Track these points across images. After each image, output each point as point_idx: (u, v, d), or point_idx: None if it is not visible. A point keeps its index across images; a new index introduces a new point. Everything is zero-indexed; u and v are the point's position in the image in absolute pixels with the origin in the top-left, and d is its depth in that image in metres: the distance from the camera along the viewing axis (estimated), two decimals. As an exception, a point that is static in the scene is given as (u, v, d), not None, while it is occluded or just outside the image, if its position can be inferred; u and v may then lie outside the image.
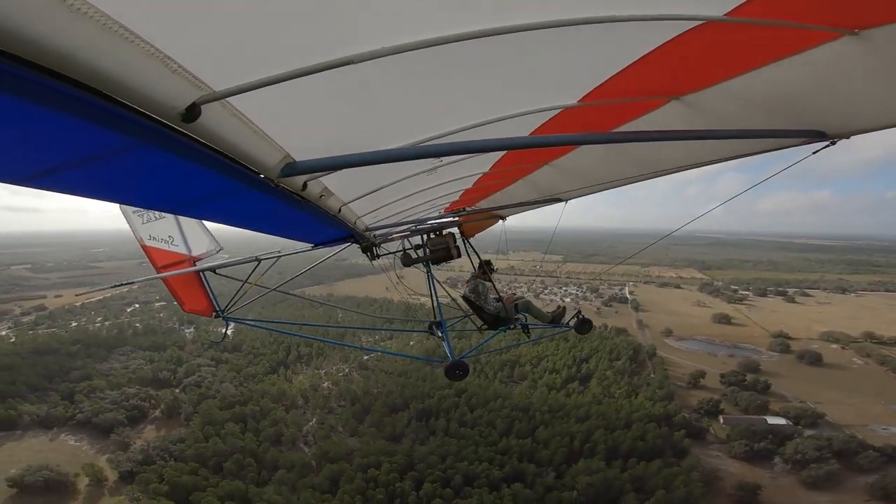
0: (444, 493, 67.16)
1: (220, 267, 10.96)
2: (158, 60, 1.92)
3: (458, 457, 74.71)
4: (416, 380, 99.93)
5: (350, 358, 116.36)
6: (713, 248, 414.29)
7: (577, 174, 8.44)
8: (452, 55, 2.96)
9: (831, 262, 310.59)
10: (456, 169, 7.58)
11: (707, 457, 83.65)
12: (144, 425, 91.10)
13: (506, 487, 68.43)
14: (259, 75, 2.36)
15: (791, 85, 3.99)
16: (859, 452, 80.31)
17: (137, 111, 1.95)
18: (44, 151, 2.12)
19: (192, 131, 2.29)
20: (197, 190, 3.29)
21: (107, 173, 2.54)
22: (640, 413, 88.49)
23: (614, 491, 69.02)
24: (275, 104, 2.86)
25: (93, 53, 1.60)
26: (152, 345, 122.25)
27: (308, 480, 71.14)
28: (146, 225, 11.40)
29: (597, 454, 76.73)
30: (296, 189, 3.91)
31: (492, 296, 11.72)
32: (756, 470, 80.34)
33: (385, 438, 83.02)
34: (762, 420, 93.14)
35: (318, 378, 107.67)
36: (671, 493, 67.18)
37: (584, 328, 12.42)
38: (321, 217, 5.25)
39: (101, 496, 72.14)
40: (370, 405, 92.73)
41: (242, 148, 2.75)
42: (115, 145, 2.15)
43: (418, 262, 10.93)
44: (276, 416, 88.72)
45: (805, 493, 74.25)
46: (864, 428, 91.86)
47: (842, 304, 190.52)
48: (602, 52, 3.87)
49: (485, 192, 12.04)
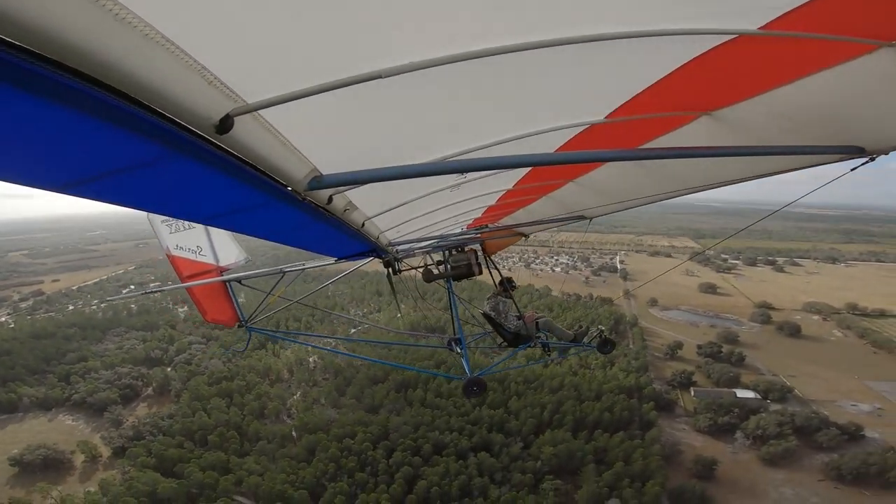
0: (413, 461, 69.73)
1: (245, 278, 11.24)
2: (196, 72, 1.96)
3: (431, 426, 77.35)
4: (399, 352, 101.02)
5: (337, 331, 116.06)
6: (710, 217, 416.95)
7: (603, 191, 8.32)
8: (480, 70, 2.94)
9: (826, 231, 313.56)
10: (480, 185, 7.47)
11: (673, 430, 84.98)
12: (137, 403, 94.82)
13: (472, 456, 70.76)
14: (290, 89, 2.38)
15: (827, 99, 3.89)
16: (820, 430, 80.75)
17: (175, 122, 1.97)
18: (85, 160, 2.13)
19: (225, 143, 2.31)
20: (228, 201, 3.31)
21: (144, 183, 2.54)
22: (611, 384, 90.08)
23: (576, 462, 71.00)
24: (304, 117, 2.86)
25: (135, 63, 1.64)
26: (146, 324, 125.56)
27: (287, 451, 74.40)
28: (174, 235, 11.47)
29: (564, 425, 78.59)
30: (321, 202, 3.92)
31: (512, 314, 11.69)
32: (718, 444, 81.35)
33: (364, 409, 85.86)
34: (731, 393, 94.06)
35: (304, 352, 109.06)
36: (630, 465, 68.64)
37: (606, 348, 12.42)
38: (345, 231, 5.25)
39: (95, 471, 77.56)
40: (352, 378, 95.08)
41: (272, 160, 2.77)
42: (153, 155, 2.15)
43: (440, 277, 11.00)
44: (260, 390, 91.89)
45: (762, 470, 75.02)
46: (833, 404, 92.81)
47: (831, 275, 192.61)
48: (631, 67, 3.79)
49: (508, 208, 11.79)
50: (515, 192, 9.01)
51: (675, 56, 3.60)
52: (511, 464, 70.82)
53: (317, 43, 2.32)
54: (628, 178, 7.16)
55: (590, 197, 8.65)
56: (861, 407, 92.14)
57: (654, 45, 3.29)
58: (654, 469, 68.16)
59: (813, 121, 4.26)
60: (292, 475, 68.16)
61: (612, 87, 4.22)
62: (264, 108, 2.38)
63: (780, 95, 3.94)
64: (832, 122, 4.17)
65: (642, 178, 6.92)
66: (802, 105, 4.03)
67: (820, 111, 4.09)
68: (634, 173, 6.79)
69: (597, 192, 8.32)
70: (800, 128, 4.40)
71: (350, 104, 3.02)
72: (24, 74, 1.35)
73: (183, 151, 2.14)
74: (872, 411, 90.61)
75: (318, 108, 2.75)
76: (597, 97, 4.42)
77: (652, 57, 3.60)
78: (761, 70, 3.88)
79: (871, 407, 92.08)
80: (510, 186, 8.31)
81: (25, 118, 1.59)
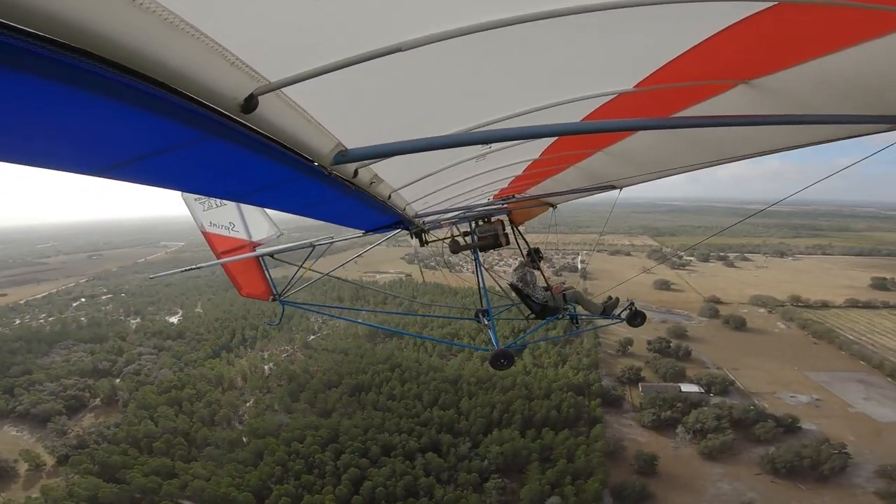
0: (360, 462, 70.51)
1: (277, 252, 11.24)
2: (218, 54, 1.98)
3: (381, 429, 78.21)
4: (354, 357, 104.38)
5: (296, 339, 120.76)
6: (670, 216, 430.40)
7: (633, 161, 8.25)
8: (503, 40, 2.91)
9: (776, 226, 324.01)
10: (506, 155, 7.43)
11: (620, 426, 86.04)
12: (84, 414, 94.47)
13: (420, 457, 71.52)
14: (311, 65, 2.40)
15: (870, 69, 3.77)
16: (758, 422, 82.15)
17: (202, 104, 2.01)
18: (122, 144, 2.20)
19: (251, 122, 2.34)
20: (257, 178, 3.37)
21: (176, 164, 2.58)
22: (560, 382, 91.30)
23: (522, 460, 71.90)
24: (326, 93, 2.86)
25: (158, 48, 1.66)
26: (94, 337, 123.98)
27: (235, 455, 74.59)
28: (207, 212, 11.60)
29: (513, 424, 79.57)
30: (347, 176, 3.91)
31: (540, 285, 11.68)
32: (662, 439, 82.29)
33: (317, 414, 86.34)
34: (676, 388, 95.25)
35: (260, 360, 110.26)
36: (573, 463, 69.77)
37: (637, 321, 12.45)
38: (372, 204, 5.31)
39: (39, 479, 76.25)
40: (306, 383, 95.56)
41: (297, 137, 2.80)
42: (184, 137, 2.20)
43: (466, 248, 10.97)
44: (211, 398, 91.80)
45: (701, 464, 75.73)
46: (773, 395, 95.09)
47: (779, 268, 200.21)
48: (663, 34, 3.72)
49: (535, 178, 11.72)
50: (542, 163, 8.99)
51: (711, 23, 3.51)
52: (458, 463, 71.80)
53: (335, 18, 2.33)
54: (661, 146, 7.12)
55: (620, 166, 8.65)
56: (800, 398, 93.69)
57: (689, 12, 3.26)
58: (595, 466, 69.17)
59: (858, 91, 4.17)
60: (238, 479, 68.45)
61: (641, 55, 4.17)
62: (287, 85, 2.40)
63: (821, 65, 3.85)
64: (873, 93, 4.10)
65: (675, 147, 6.90)
66: (847, 75, 3.94)
67: (865, 81, 3.99)
68: (667, 142, 6.74)
69: (627, 161, 8.30)
70: (844, 98, 4.33)
71: (372, 78, 3.03)
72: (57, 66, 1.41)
73: (211, 132, 2.21)
74: (811, 402, 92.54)
75: (340, 83, 2.77)
76: (626, 66, 4.37)
77: (686, 24, 3.55)
78: (802, 38, 3.76)
79: (809, 398, 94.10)
80: (536, 156, 8.27)
81: (63, 108, 1.67)
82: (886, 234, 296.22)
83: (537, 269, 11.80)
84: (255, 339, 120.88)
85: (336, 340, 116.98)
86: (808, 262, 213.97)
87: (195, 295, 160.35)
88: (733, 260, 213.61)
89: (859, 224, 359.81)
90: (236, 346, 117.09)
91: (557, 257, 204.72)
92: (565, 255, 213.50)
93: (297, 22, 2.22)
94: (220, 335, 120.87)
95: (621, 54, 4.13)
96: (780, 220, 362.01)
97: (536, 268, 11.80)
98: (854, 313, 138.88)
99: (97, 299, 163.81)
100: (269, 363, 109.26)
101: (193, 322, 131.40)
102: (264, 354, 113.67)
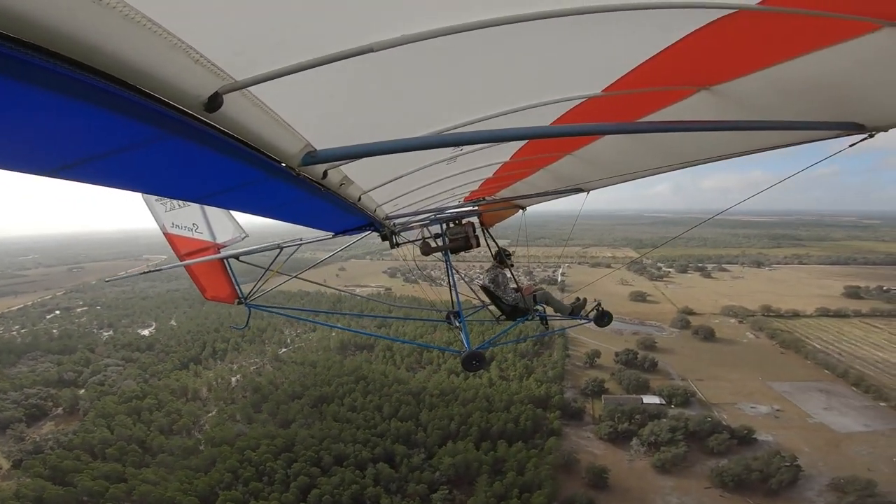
0: (311, 471, 70.53)
1: (243, 254, 11.08)
2: (181, 51, 1.93)
3: (336, 439, 78.38)
4: (322, 369, 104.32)
5: (267, 351, 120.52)
6: (655, 227, 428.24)
7: (601, 164, 8.38)
8: (474, 43, 2.94)
9: (757, 236, 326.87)
10: (476, 158, 7.50)
11: (578, 438, 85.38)
12: (45, 422, 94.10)
13: (372, 467, 71.74)
14: (279, 64, 2.37)
15: (828, 76, 3.91)
16: (712, 434, 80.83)
17: (163, 102, 1.96)
18: (74, 143, 2.13)
19: (216, 121, 2.30)
20: (221, 179, 3.31)
21: (134, 164, 2.52)
22: (522, 395, 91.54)
23: (473, 472, 71.79)
24: (295, 93, 2.85)
25: (118, 44, 1.62)
26: (64, 348, 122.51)
27: (188, 462, 74.41)
28: (169, 213, 11.43)
29: (469, 436, 79.61)
30: (316, 178, 3.90)
31: (511, 286, 11.76)
32: (618, 452, 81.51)
33: (277, 424, 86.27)
34: (638, 399, 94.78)
35: (228, 371, 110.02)
36: (522, 475, 69.68)
37: (604, 321, 12.60)
38: (342, 205, 5.27)
39: None
40: (270, 394, 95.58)
41: (264, 137, 2.75)
42: (143, 136, 2.16)
43: (437, 250, 11.00)
44: (171, 407, 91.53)
45: (654, 477, 74.86)
46: (733, 406, 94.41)
47: (755, 278, 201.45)
48: (628, 41, 3.80)
49: (505, 181, 11.85)
50: (512, 165, 9.08)
51: (673, 30, 3.61)
52: (409, 474, 71.84)
53: (306, 17, 2.31)
54: (626, 151, 7.26)
55: (587, 169, 8.77)
56: (760, 409, 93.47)
57: (652, 19, 3.32)
58: (543, 479, 68.79)
59: (812, 97, 4.31)
60: (187, 484, 68.35)
61: (609, 60, 4.25)
62: (254, 84, 2.37)
63: (779, 71, 3.99)
64: (832, 99, 4.24)
65: (640, 151, 7.02)
66: (802, 81, 4.09)
67: (820, 88, 4.14)
68: (632, 146, 6.88)
69: (594, 164, 8.44)
70: (799, 104, 4.48)
71: (342, 79, 3.02)
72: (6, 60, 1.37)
73: (173, 131, 2.17)
74: (770, 413, 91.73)
75: (310, 83, 2.76)
76: (594, 71, 4.45)
77: (649, 31, 3.62)
78: (762, 46, 3.89)
79: (769, 409, 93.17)
80: (507, 159, 8.35)
81: (13, 104, 1.63)
82: (864, 242, 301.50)
83: (508, 270, 11.91)
84: (225, 352, 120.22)
85: (306, 353, 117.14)
86: (784, 271, 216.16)
87: (171, 308, 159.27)
88: (711, 271, 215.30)
89: (838, 233, 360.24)
90: (206, 359, 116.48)
91: (539, 269, 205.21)
92: (546, 267, 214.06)
93: (265, 20, 2.20)
94: (189, 347, 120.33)
95: (590, 59, 4.20)
96: (762, 230, 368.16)
97: (507, 268, 11.89)
98: (825, 322, 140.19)
99: (72, 311, 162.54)
100: (237, 375, 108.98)
101: (165, 334, 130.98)
102: (233, 366, 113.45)
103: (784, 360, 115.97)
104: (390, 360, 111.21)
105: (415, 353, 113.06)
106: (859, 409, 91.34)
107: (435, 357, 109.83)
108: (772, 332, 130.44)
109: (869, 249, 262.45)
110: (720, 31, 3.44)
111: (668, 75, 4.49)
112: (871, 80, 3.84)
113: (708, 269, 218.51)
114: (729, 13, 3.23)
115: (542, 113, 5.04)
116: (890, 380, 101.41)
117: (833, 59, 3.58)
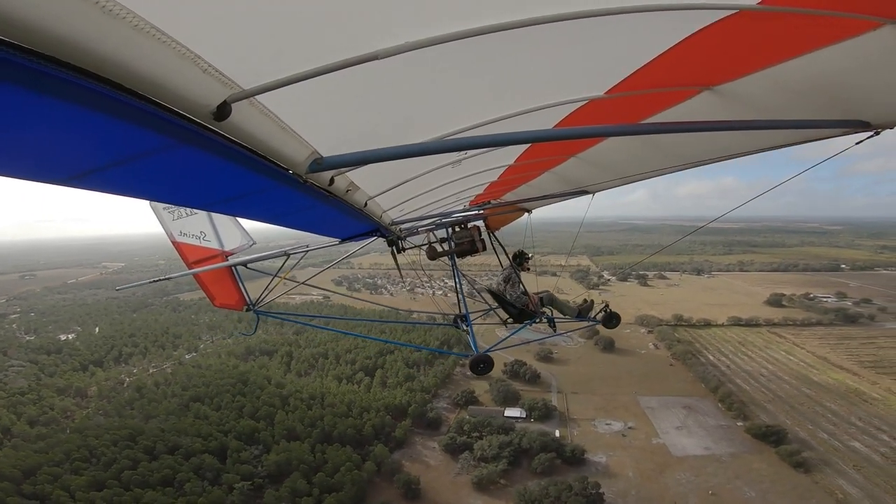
0: (138, 456, 75.30)
1: (250, 262, 11.02)
2: (189, 60, 1.95)
3: (180, 432, 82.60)
4: (213, 372, 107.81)
5: (173, 356, 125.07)
6: (623, 234, 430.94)
7: (605, 166, 8.42)
8: (478, 48, 2.95)
9: (713, 243, 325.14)
10: (481, 161, 7.49)
11: (423, 447, 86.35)
12: None
13: (197, 457, 75.13)
14: (286, 73, 2.38)
15: (830, 74, 3.90)
16: (539, 453, 79.20)
17: (173, 111, 1.98)
18: (87, 152, 2.15)
19: (224, 129, 2.32)
20: (230, 187, 3.34)
21: (145, 172, 2.56)
22: (380, 402, 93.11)
23: (293, 469, 73.30)
24: (301, 101, 2.86)
25: (129, 55, 1.64)
26: None
27: (35, 445, 78.60)
28: (177, 222, 11.42)
29: (310, 437, 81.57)
30: (323, 184, 3.88)
31: (520, 289, 11.72)
32: (452, 464, 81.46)
33: (143, 420, 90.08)
34: (500, 412, 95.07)
35: (126, 373, 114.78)
36: (332, 477, 70.95)
37: (612, 322, 12.51)
38: (348, 211, 5.30)
39: None
40: (149, 394, 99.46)
41: (272, 145, 2.76)
42: (153, 144, 2.19)
43: (443, 255, 10.92)
44: (47, 403, 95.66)
45: (468, 494, 74.32)
46: (589, 423, 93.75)
47: (689, 286, 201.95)
48: (631, 43, 3.81)
49: (510, 184, 11.90)
50: (517, 168, 9.10)
51: (675, 32, 3.62)
52: (233, 466, 74.32)
53: (311, 26, 2.33)
54: (630, 152, 7.27)
55: (592, 171, 8.81)
56: (614, 426, 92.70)
57: (654, 21, 3.34)
58: (346, 483, 69.63)
59: (817, 95, 4.29)
60: (21, 461, 73.09)
61: (611, 63, 4.27)
62: (261, 93, 2.37)
63: (782, 70, 3.99)
64: (836, 97, 4.22)
65: (644, 152, 7.03)
66: (805, 80, 4.08)
67: (823, 86, 4.12)
68: (636, 148, 6.90)
69: (599, 166, 8.46)
70: (803, 102, 4.46)
71: (348, 86, 3.01)
72: (20, 71, 1.38)
73: (182, 140, 2.20)
74: (622, 430, 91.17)
75: (316, 90, 2.77)
76: (596, 73, 4.47)
77: (652, 33, 3.64)
78: (764, 46, 3.89)
79: (622, 426, 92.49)
80: (511, 162, 8.38)
81: (28, 114, 1.65)
82: (816, 248, 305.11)
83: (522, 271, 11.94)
84: (131, 356, 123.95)
85: (208, 358, 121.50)
86: (722, 279, 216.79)
87: (102, 315, 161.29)
88: (650, 279, 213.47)
89: (793, 239, 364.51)
90: (108, 362, 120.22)
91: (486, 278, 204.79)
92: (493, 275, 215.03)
93: (272, 29, 2.21)
94: (95, 351, 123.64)
95: (593, 62, 4.24)
96: (724, 236, 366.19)
97: (523, 271, 11.94)
98: (733, 332, 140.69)
99: (6, 318, 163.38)
100: (133, 377, 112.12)
101: (83, 340, 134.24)
102: (134, 369, 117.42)
103: (669, 372, 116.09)
104: (282, 362, 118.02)
105: (320, 358, 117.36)
106: (710, 429, 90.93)
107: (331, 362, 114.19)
108: (671, 343, 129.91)
109: (816, 255, 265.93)
110: (722, 32, 3.48)
111: (671, 76, 4.54)
112: (875, 78, 3.87)
113: (648, 276, 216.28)
114: (730, 14, 3.26)
115: (545, 116, 5.09)
116: (763, 396, 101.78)
117: (835, 57, 3.62)
